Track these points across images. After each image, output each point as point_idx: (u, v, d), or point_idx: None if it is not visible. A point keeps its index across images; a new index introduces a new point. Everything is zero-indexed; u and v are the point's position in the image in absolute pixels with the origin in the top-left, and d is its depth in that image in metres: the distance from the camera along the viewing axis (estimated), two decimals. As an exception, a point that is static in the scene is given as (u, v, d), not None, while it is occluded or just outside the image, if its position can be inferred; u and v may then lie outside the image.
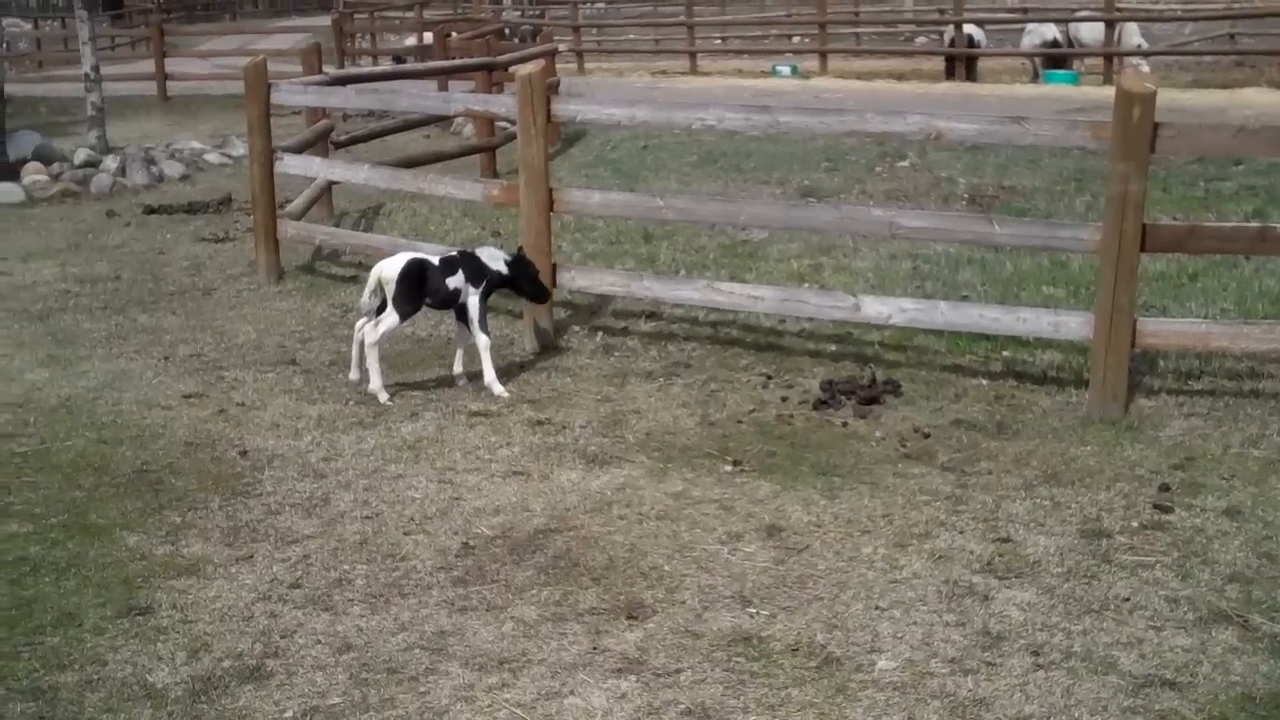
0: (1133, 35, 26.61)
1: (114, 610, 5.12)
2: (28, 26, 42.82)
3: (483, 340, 7.65)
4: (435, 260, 7.59)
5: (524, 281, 7.97)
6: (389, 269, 7.47)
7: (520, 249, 8.08)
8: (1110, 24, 26.23)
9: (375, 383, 7.51)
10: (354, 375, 7.74)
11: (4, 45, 18.02)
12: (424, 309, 7.70)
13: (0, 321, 9.66)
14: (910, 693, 4.43)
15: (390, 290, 7.44)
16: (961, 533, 5.66)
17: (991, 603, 5.03)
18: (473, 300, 7.62)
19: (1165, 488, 6.08)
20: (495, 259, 7.77)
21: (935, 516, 5.83)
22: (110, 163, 16.73)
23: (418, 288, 7.48)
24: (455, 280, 7.56)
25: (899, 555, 5.46)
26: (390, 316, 7.45)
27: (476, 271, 7.65)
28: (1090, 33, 27.32)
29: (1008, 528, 5.70)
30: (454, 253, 7.77)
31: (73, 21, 27.66)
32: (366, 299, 7.56)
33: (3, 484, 6.44)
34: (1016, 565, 5.34)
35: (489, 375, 7.67)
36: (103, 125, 18.26)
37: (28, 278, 11.16)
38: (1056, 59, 27.06)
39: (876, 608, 5.02)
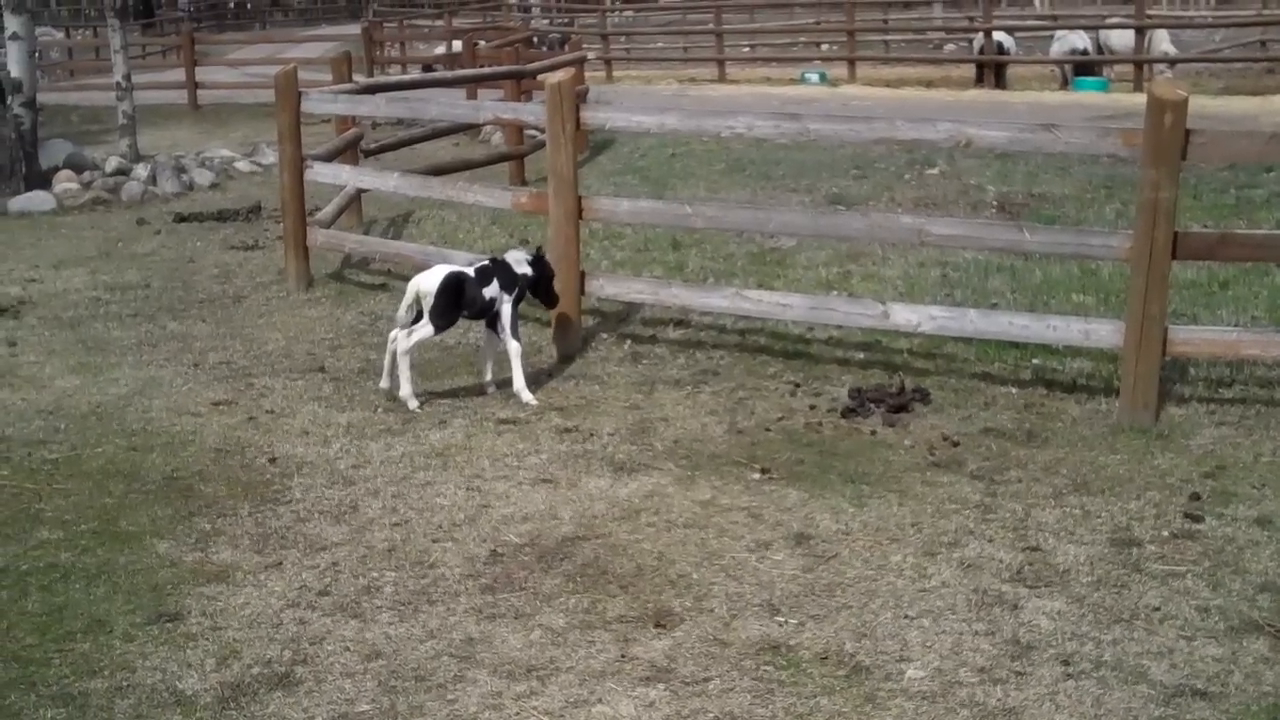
0: (1162, 42, 26.53)
1: (144, 617, 5.13)
2: (60, 35, 43.05)
3: (514, 346, 7.68)
4: (471, 271, 7.62)
5: (542, 283, 7.99)
6: (427, 282, 7.51)
7: (539, 249, 8.09)
8: (1140, 31, 26.15)
9: (405, 390, 7.53)
10: (385, 383, 7.76)
11: (37, 54, 18.11)
12: (459, 320, 7.75)
13: (32, 329, 9.72)
14: (939, 702, 4.41)
15: (428, 303, 7.47)
16: (991, 541, 5.63)
17: (1021, 612, 5.01)
18: (506, 307, 7.65)
19: (1196, 496, 6.05)
20: (521, 263, 7.80)
21: (964, 525, 5.81)
22: (141, 171, 16.82)
23: (455, 301, 7.52)
24: (490, 290, 7.59)
25: (928, 564, 5.44)
26: (425, 328, 7.48)
27: (509, 279, 7.68)
28: (1121, 40, 27.24)
29: (1037, 536, 5.67)
30: (486, 262, 7.79)
31: (104, 30, 27.83)
32: (404, 312, 7.57)
33: (34, 490, 6.48)
34: (1046, 574, 5.32)
35: (519, 382, 7.68)
36: (134, 133, 18.36)
37: (59, 285, 11.23)
38: (1085, 66, 26.98)
39: (905, 616, 5.00)
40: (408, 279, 10.32)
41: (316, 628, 5.02)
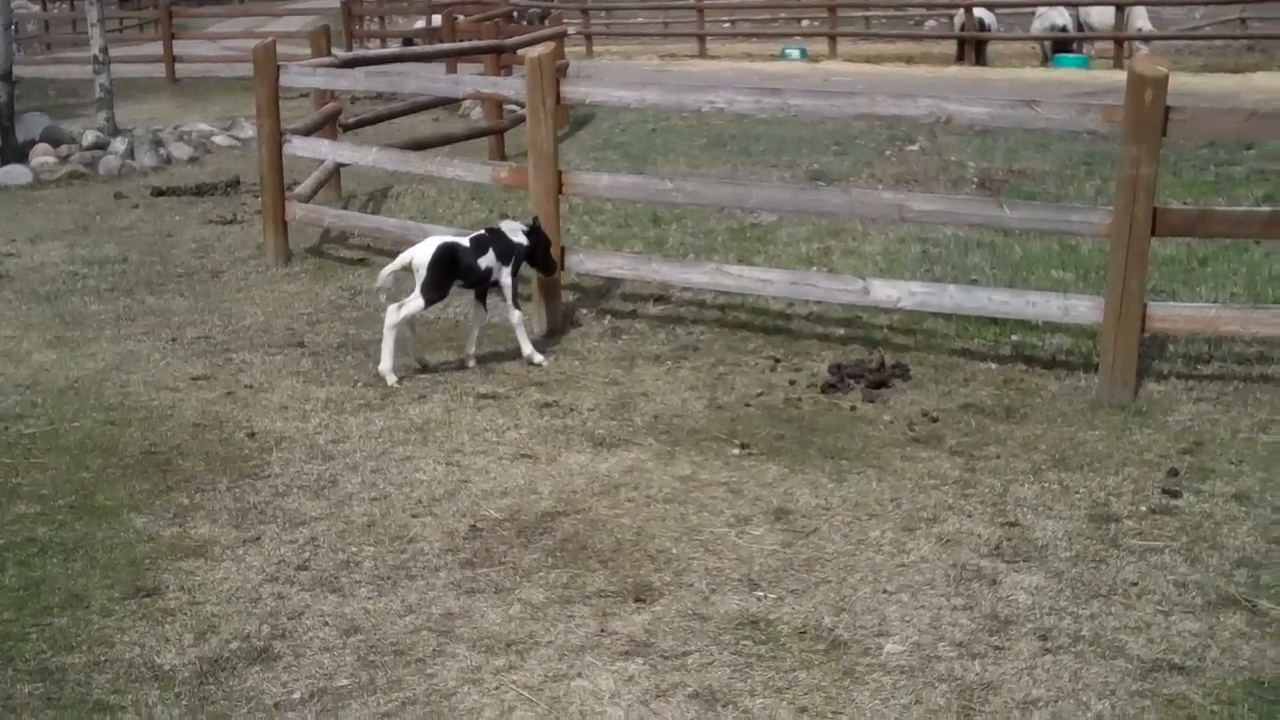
0: (1138, 19, 26.55)
1: (121, 592, 5.12)
2: (36, 8, 42.77)
3: (516, 316, 7.78)
4: (465, 241, 7.63)
5: (539, 252, 8.00)
6: (420, 254, 7.54)
7: (536, 219, 8.08)
8: (1120, 8, 26.15)
9: (385, 364, 7.52)
10: (413, 355, 7.78)
11: (13, 27, 17.99)
12: (455, 290, 7.78)
13: (8, 303, 9.66)
14: (918, 676, 4.42)
15: (420, 276, 7.48)
16: (969, 517, 5.65)
17: (999, 587, 5.02)
18: (505, 277, 7.70)
19: (1174, 472, 6.07)
20: (516, 232, 7.81)
21: (943, 500, 5.82)
22: (118, 145, 16.72)
23: (448, 273, 7.55)
24: (486, 259, 7.63)
25: (907, 539, 5.45)
26: (415, 301, 7.49)
27: (506, 249, 7.71)
28: (1100, 17, 27.25)
29: (1016, 512, 5.68)
30: (483, 232, 7.82)
31: (81, 4, 27.69)
32: (385, 276, 7.59)
33: (11, 465, 6.45)
34: (1025, 549, 5.33)
35: (527, 348, 7.81)
36: (111, 107, 18.24)
37: (36, 259, 11.16)
38: (1065, 43, 26.99)
39: (884, 591, 5.01)
40: (387, 254, 10.32)
41: (295, 602, 5.01)
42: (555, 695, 4.35)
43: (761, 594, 5.00)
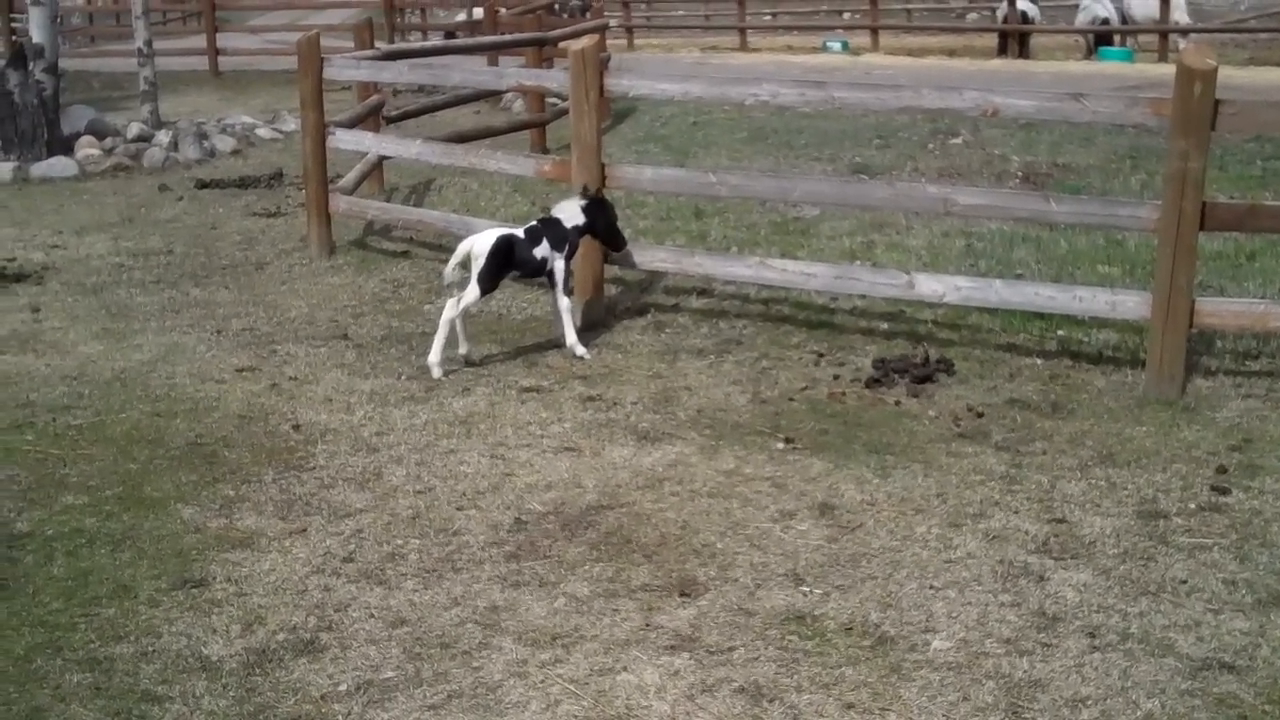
0: (1174, 10, 26.35)
1: (169, 582, 5.14)
2: (81, 1, 43.02)
3: (564, 303, 7.81)
4: (520, 233, 7.69)
5: (600, 225, 8.00)
6: (480, 244, 7.60)
7: (597, 190, 8.07)
8: (1165, 0, 25.95)
9: (435, 356, 7.53)
10: (462, 349, 7.76)
11: (59, 20, 18.11)
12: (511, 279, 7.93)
13: (55, 295, 9.73)
14: (965, 673, 4.40)
15: (478, 265, 7.53)
16: (1016, 513, 5.61)
17: (1047, 583, 4.99)
18: (559, 265, 7.75)
19: (1222, 469, 6.02)
20: (573, 213, 7.83)
21: (989, 496, 5.79)
22: (163, 137, 16.81)
23: (505, 264, 7.62)
24: (541, 249, 7.69)
25: (953, 535, 5.42)
26: (472, 291, 7.53)
27: (559, 238, 7.76)
28: (1143, 9, 27.04)
29: (1063, 508, 5.65)
30: (535, 223, 7.85)
31: (126, -4, 27.82)
32: (450, 270, 7.63)
33: (59, 456, 6.49)
34: (1072, 546, 5.30)
35: (570, 337, 7.82)
36: (155, 100, 18.33)
37: (82, 251, 11.24)
38: (1108, 36, 26.81)
39: (931, 587, 4.98)
40: (429, 246, 10.36)
41: (341, 594, 5.03)
42: (601, 689, 4.35)
43: (807, 589, 4.99)
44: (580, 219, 7.85)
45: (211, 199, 13.70)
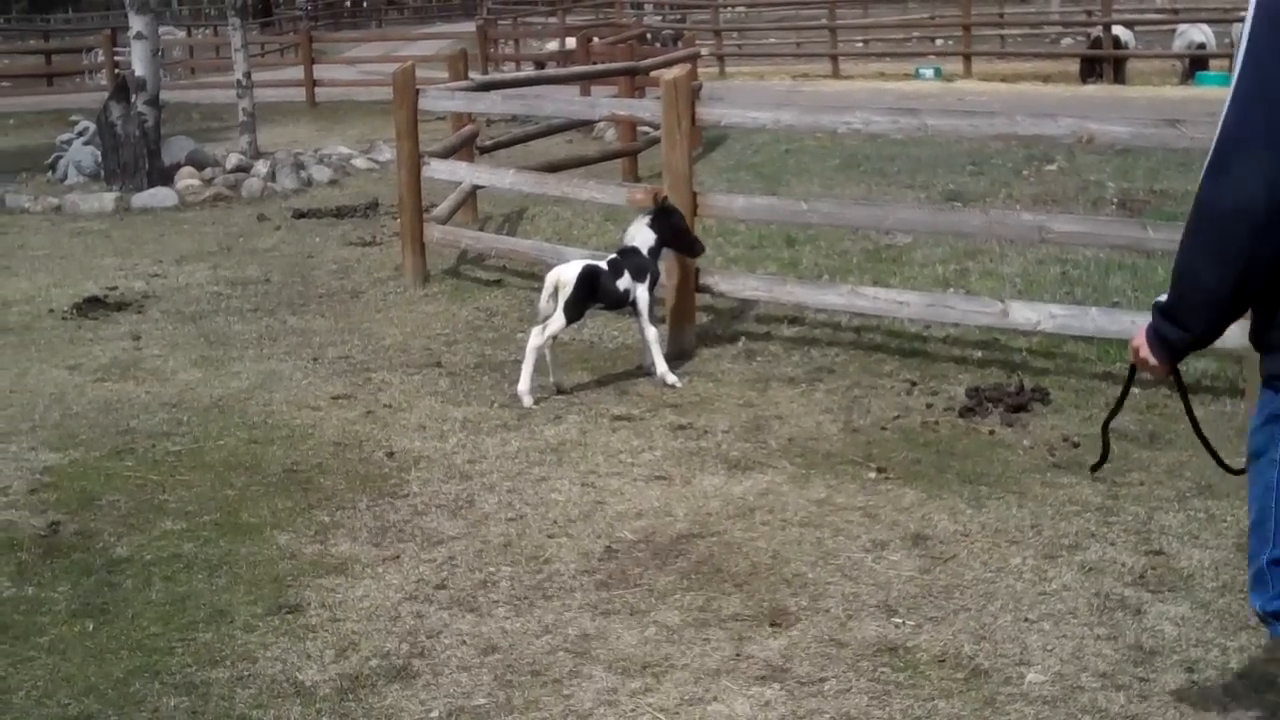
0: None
1: (264, 608, 5.21)
2: (182, 34, 43.88)
3: (651, 333, 7.82)
4: (604, 265, 7.75)
5: (670, 235, 7.95)
6: (566, 274, 7.65)
7: (662, 201, 8.05)
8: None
9: (524, 385, 7.57)
10: (552, 377, 7.82)
11: (160, 53, 18.46)
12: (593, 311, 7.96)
13: (155, 323, 9.90)
14: (1060, 707, 4.34)
15: (565, 294, 7.58)
16: (1112, 544, 5.54)
17: (1144, 617, 4.92)
18: (641, 294, 7.76)
19: (1327, 501, 5.89)
20: (644, 236, 7.84)
21: (1085, 527, 5.71)
22: (261, 167, 17.09)
23: (590, 294, 7.67)
24: (623, 281, 7.72)
25: (1048, 566, 5.35)
26: (558, 319, 7.58)
27: (639, 268, 7.78)
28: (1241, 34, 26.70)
29: (1160, 540, 5.56)
30: (616, 255, 7.90)
31: (225, 29, 28.36)
32: (545, 303, 7.68)
33: (158, 482, 6.60)
34: (1170, 579, 5.21)
35: (661, 366, 7.83)
36: (253, 130, 18.65)
37: (181, 280, 11.43)
38: (1205, 60, 26.48)
39: (1025, 619, 4.92)
40: (522, 275, 10.43)
41: (433, 621, 5.06)
42: (691, 719, 4.34)
43: (899, 620, 4.95)
44: (651, 238, 7.84)
45: (308, 228, 13.89)
